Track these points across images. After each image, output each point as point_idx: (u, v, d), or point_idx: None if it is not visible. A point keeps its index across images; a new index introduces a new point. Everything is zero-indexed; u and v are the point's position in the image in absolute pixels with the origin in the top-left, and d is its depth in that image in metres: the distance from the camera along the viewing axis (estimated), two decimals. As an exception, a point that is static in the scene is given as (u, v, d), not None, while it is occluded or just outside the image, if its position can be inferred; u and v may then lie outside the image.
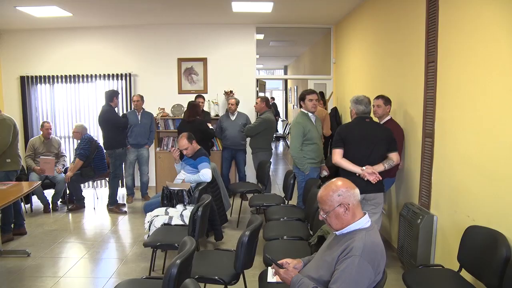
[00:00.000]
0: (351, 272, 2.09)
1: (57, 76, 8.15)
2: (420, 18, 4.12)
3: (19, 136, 5.48)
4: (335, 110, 7.61)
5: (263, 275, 3.03)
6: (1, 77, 8.22)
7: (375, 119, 4.57)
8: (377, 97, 4.58)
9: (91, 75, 8.11)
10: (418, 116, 4.25)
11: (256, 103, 6.88)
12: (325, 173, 5.22)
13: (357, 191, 2.30)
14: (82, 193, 7.06)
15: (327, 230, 3.31)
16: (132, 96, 7.69)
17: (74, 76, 8.13)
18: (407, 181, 4.57)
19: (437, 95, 3.83)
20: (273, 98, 17.15)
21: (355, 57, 6.71)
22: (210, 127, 6.94)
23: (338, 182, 2.33)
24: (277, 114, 11.48)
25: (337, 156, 3.97)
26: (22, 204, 6.04)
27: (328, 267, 2.24)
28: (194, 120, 6.47)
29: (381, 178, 3.84)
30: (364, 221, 2.27)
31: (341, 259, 2.16)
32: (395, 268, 4.27)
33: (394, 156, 3.96)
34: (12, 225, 5.54)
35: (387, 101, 4.53)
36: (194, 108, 6.60)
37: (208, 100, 7.87)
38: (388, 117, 4.56)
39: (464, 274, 3.06)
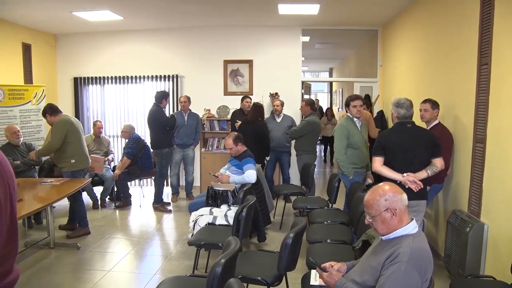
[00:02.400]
0: (397, 278, 2.05)
1: (107, 77, 8.47)
2: (473, 18, 3.96)
3: (80, 135, 5.66)
4: (381, 113, 7.48)
5: (306, 278, 3.01)
6: (57, 78, 8.63)
7: (422, 124, 4.46)
8: (424, 101, 4.46)
9: (140, 76, 8.35)
10: (468, 121, 4.09)
11: (301, 106, 6.86)
12: (369, 180, 5.12)
13: (404, 196, 2.26)
14: (129, 191, 7.25)
15: (372, 235, 3.25)
16: (179, 97, 7.83)
17: (123, 77, 8.41)
18: (456, 187, 4.42)
19: (490, 99, 3.67)
20: (317, 100, 17.04)
21: (403, 59, 6.56)
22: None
23: (386, 186, 2.30)
24: (322, 115, 11.42)
25: (377, 164, 3.87)
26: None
27: (373, 272, 2.21)
28: (255, 122, 6.50)
29: (422, 186, 3.68)
30: (412, 227, 2.23)
31: (387, 264, 2.13)
32: (442, 277, 4.13)
33: (438, 162, 3.79)
34: (67, 219, 5.82)
35: (434, 105, 4.40)
36: (258, 109, 6.63)
37: (253, 102, 7.92)
38: (436, 122, 4.43)
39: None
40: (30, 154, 5.86)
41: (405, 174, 3.69)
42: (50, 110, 5.48)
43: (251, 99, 7.37)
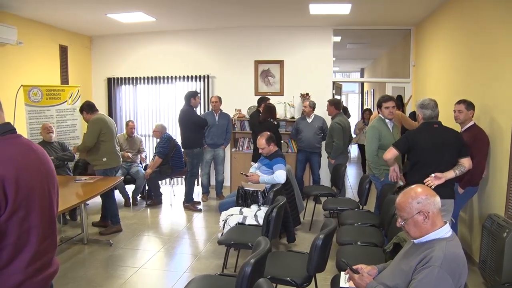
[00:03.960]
0: (430, 282, 2.00)
1: (139, 77, 8.61)
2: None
3: (113, 134, 5.82)
4: (413, 114, 7.33)
5: (336, 280, 2.99)
6: (92, 78, 8.86)
7: (456, 125, 4.36)
8: (458, 102, 4.35)
9: (171, 77, 8.46)
10: (506, 122, 3.96)
11: (327, 106, 6.76)
12: (401, 182, 5.03)
13: (437, 199, 2.21)
14: (160, 189, 7.35)
15: (403, 238, 3.20)
16: (210, 97, 7.90)
17: (155, 77, 8.54)
18: (492, 191, 4.28)
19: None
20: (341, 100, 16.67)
21: (437, 59, 6.42)
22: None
23: (418, 189, 2.25)
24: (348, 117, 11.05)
25: (389, 154, 4.06)
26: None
27: (404, 275, 2.17)
28: (265, 122, 6.54)
29: (434, 184, 3.61)
30: (445, 231, 2.17)
31: (419, 268, 2.08)
32: (477, 284, 4.02)
33: (465, 162, 3.75)
34: (100, 217, 5.98)
35: (469, 106, 4.29)
36: (270, 110, 6.67)
37: (284, 102, 7.92)
38: (471, 123, 4.31)
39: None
40: (74, 148, 6.13)
41: (432, 175, 3.65)
42: (87, 108, 5.67)
43: (269, 100, 7.34)
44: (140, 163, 7.48)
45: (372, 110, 10.02)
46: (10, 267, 1.54)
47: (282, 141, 7.12)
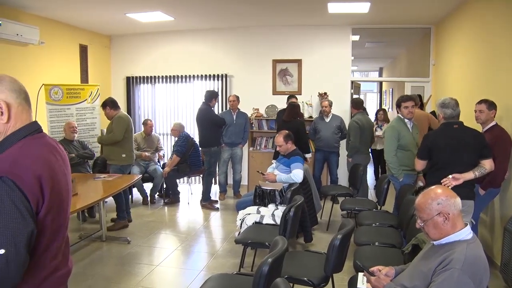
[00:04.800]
0: (450, 285, 1.96)
1: (158, 76, 8.68)
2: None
3: (133, 133, 6.07)
4: (433, 114, 7.24)
5: (353, 281, 2.96)
6: (111, 77, 8.96)
7: (477, 125, 4.29)
8: (480, 102, 4.26)
9: (189, 76, 8.50)
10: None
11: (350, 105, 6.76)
12: (420, 183, 4.96)
13: (458, 200, 2.16)
14: (178, 188, 7.38)
15: (422, 239, 3.15)
16: (228, 96, 7.91)
17: (173, 76, 8.60)
18: (515, 193, 4.22)
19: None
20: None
21: (458, 58, 6.31)
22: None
23: (438, 189, 2.21)
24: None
25: (419, 167, 4.05)
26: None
27: (423, 277, 2.14)
28: (291, 121, 6.49)
29: (452, 184, 3.54)
30: (466, 233, 2.13)
31: (439, 271, 2.04)
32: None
33: (487, 164, 3.66)
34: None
35: (491, 105, 4.19)
36: (294, 109, 6.63)
37: (302, 102, 7.89)
38: (493, 123, 4.22)
39: None
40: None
41: (450, 176, 3.59)
42: (111, 104, 5.88)
43: (296, 98, 7.33)
44: (158, 161, 7.54)
45: (389, 109, 9.86)
46: (40, 261, 1.59)
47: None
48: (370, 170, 11.24)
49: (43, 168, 1.56)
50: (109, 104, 5.86)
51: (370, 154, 7.70)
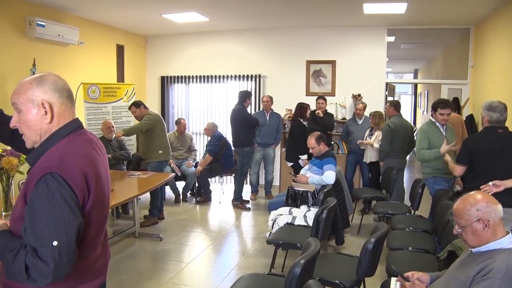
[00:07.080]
0: (490, 295, 1.91)
1: (192, 76, 8.77)
2: None
3: (166, 130, 6.30)
4: (470, 117, 7.04)
5: (385, 285, 2.91)
6: (146, 77, 9.12)
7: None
8: None
9: (223, 76, 8.55)
10: None
11: (386, 107, 6.63)
12: (458, 187, 4.83)
13: (499, 207, 2.08)
14: (210, 187, 7.44)
15: (459, 246, 3.07)
16: (261, 96, 7.92)
17: (207, 76, 8.66)
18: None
19: None
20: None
21: (498, 59, 6.11)
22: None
23: (478, 195, 2.14)
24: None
25: (457, 172, 3.88)
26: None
27: (461, 286, 2.06)
28: (293, 121, 6.61)
29: (492, 191, 3.35)
30: (508, 241, 2.04)
31: (478, 279, 1.96)
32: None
33: None
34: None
35: None
36: (300, 109, 6.73)
37: (336, 103, 7.82)
38: None
39: None
40: (117, 133, 6.38)
41: (490, 183, 3.43)
42: (143, 105, 6.14)
43: (325, 100, 7.26)
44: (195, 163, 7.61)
45: (424, 112, 9.62)
46: (83, 253, 1.64)
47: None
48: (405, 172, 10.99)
49: (87, 164, 1.62)
50: (142, 105, 6.12)
51: (408, 158, 6.88)
